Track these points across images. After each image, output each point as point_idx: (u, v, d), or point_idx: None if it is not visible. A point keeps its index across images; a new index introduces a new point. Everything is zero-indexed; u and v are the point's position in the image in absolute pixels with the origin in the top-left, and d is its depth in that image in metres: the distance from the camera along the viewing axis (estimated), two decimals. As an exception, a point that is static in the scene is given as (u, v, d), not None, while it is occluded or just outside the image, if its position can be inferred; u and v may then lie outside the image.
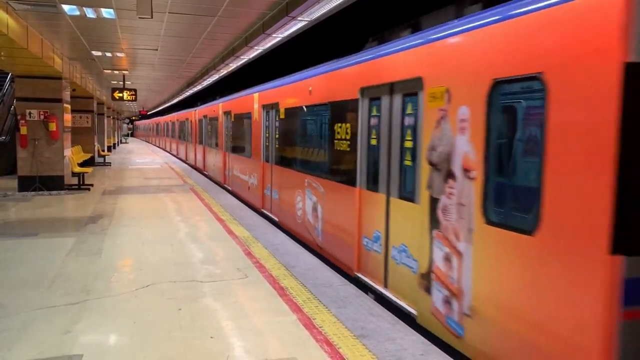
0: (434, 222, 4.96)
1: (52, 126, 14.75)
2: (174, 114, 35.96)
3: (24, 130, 14.61)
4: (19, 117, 14.81)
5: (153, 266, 7.14)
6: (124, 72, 18.95)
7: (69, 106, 16.34)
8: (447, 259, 4.73)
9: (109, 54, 14.90)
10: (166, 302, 5.71)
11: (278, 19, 9.20)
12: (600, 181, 3.20)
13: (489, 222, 4.17)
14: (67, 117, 16.07)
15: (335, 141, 7.55)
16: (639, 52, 3.10)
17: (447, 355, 4.52)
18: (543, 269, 3.63)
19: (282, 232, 9.79)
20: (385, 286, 6.15)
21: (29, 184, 14.69)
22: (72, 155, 16.80)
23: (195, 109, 24.93)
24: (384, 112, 6.20)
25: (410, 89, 5.54)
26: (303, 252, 8.17)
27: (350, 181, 7.03)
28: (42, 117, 14.74)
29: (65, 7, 9.09)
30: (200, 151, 23.11)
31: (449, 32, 4.95)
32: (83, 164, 18.71)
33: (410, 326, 5.18)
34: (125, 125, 79.15)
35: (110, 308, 5.51)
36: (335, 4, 7.88)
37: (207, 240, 8.81)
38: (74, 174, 16.23)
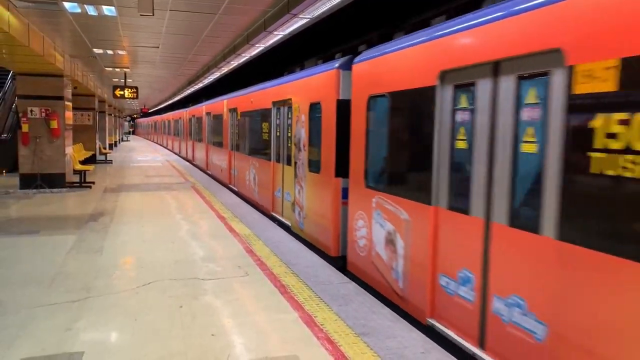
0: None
1: (54, 124, 14.75)
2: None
3: (25, 127, 14.61)
4: (20, 114, 14.80)
5: (154, 264, 7.14)
6: (125, 69, 18.94)
7: (70, 104, 16.34)
8: (299, 191, 9.40)
9: (110, 52, 14.89)
10: (167, 299, 5.71)
11: (279, 17, 9.18)
12: (331, 150, 7.84)
13: (310, 171, 8.81)
14: (69, 114, 16.06)
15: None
16: (343, 95, 7.63)
17: (448, 353, 4.51)
18: (321, 188, 8.36)
19: (282, 230, 9.79)
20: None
21: (30, 182, 14.70)
22: (73, 153, 16.80)
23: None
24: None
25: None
26: (303, 250, 8.16)
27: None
28: (43, 114, 14.74)
29: (67, 5, 9.07)
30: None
31: None
32: (84, 162, 18.73)
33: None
34: (126, 123, 79.23)
35: (111, 306, 5.51)
36: (336, 1, 7.85)
37: (208, 238, 8.81)
38: (75, 172, 16.25)
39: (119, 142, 49.40)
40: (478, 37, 4.53)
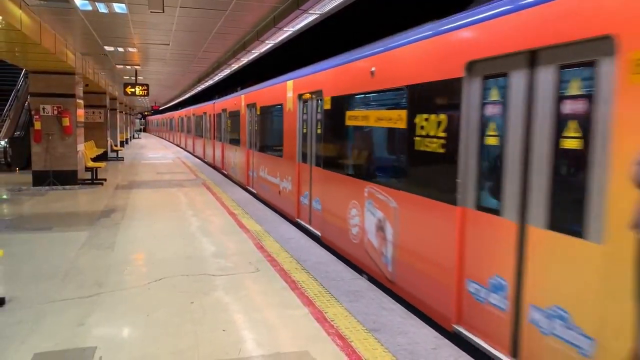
0: None
1: (66, 121, 14.87)
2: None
3: (37, 125, 14.74)
4: (32, 112, 14.94)
5: (165, 260, 7.18)
6: (135, 67, 19.03)
7: (82, 101, 16.46)
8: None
9: (121, 49, 14.96)
10: (178, 295, 5.73)
11: (289, 12, 9.16)
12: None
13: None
14: (80, 112, 16.19)
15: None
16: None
17: (459, 349, 4.49)
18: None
19: (294, 227, 9.79)
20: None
21: (43, 179, 14.84)
22: (85, 150, 16.93)
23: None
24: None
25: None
26: (314, 246, 8.16)
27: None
28: (55, 112, 14.86)
29: (78, 2, 9.12)
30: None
31: None
32: (96, 159, 18.86)
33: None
34: (137, 121, 79.70)
35: (122, 301, 5.55)
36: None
37: (218, 234, 8.83)
38: (87, 169, 16.37)
39: (130, 140, 49.70)
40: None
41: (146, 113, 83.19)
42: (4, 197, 13.28)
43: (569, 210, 3.71)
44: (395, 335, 4.74)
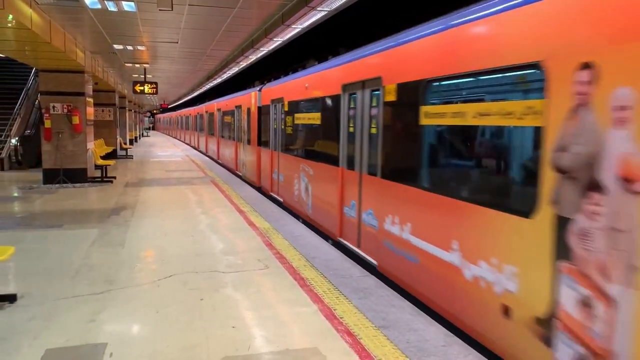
0: None
1: (76, 119, 14.97)
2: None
3: (48, 123, 14.86)
4: (43, 110, 15.06)
5: (175, 257, 7.21)
6: (144, 65, 19.11)
7: (91, 100, 16.57)
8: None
9: (130, 47, 15.03)
10: (188, 292, 5.76)
11: (297, 10, 9.15)
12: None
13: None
14: (90, 110, 16.29)
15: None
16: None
17: (468, 346, 4.47)
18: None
19: (301, 224, 9.79)
20: None
21: (53, 177, 14.96)
22: (95, 148, 17.04)
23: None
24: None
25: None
26: (323, 244, 8.16)
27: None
28: (65, 110, 14.97)
29: (87, 1, 9.17)
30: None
31: None
32: (105, 157, 18.97)
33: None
34: (146, 119, 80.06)
35: (133, 298, 5.58)
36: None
37: (227, 232, 8.86)
38: (96, 167, 16.48)
39: (139, 138, 49.94)
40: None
41: (155, 111, 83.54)
42: (15, 194, 13.40)
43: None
44: (404, 332, 4.74)
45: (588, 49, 3.42)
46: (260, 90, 15.02)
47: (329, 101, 8.94)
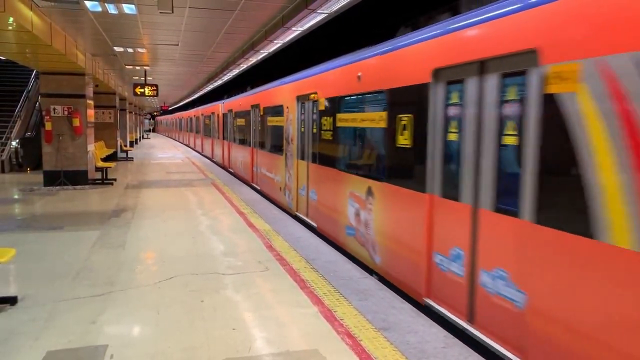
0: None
1: (76, 122, 14.99)
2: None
3: (48, 125, 14.88)
4: (43, 112, 15.08)
5: (175, 258, 7.23)
6: (145, 67, 19.15)
7: (92, 102, 16.58)
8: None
9: (130, 50, 15.06)
10: (189, 293, 5.77)
11: (297, 12, 9.18)
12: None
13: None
14: (90, 112, 16.31)
15: None
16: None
17: (469, 348, 4.48)
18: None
19: (301, 226, 9.80)
20: None
21: (54, 179, 14.98)
22: (95, 150, 17.05)
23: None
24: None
25: None
26: (323, 246, 8.17)
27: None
28: (66, 112, 14.99)
29: (88, 3, 9.20)
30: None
31: None
32: (106, 159, 19.00)
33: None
34: (146, 121, 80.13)
35: (134, 299, 5.59)
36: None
37: (228, 233, 8.88)
38: (97, 169, 16.50)
39: (140, 140, 49.97)
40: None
41: (155, 113, 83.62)
42: (16, 196, 13.41)
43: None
44: (404, 334, 4.75)
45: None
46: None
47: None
